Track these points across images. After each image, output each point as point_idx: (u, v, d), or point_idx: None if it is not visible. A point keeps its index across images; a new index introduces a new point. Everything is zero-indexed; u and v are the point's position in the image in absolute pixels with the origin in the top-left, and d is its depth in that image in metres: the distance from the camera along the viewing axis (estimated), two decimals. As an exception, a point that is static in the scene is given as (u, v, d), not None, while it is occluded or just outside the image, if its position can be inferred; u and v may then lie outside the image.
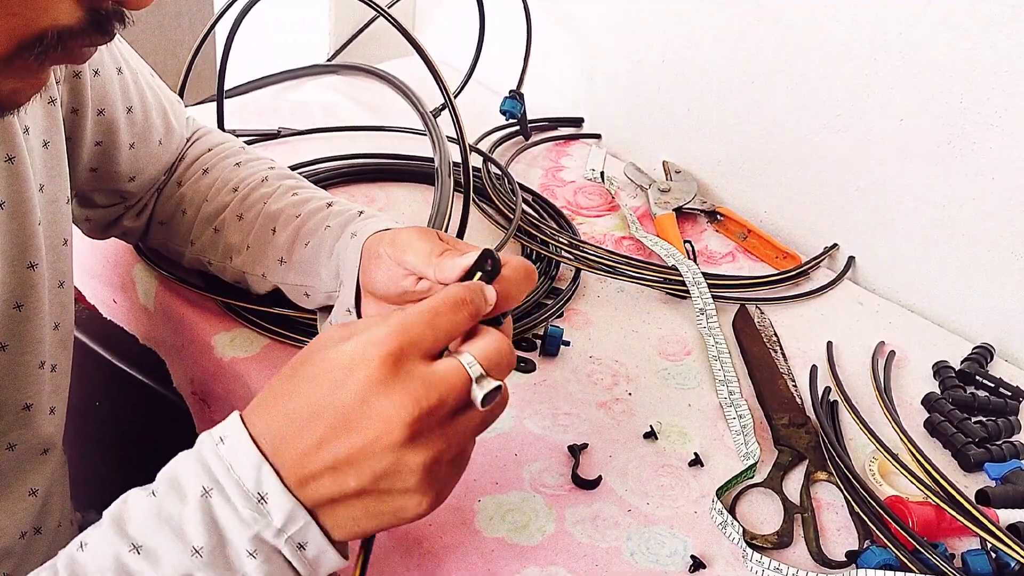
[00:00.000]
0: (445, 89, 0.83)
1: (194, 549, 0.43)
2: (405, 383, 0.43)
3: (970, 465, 0.69)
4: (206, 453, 0.45)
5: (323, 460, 0.43)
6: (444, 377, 0.44)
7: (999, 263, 0.81)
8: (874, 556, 0.59)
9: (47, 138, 0.60)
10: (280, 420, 0.44)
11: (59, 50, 0.40)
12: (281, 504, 0.44)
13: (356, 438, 0.43)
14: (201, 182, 0.73)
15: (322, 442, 0.43)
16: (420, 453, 0.43)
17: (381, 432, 0.43)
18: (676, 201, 0.97)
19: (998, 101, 0.76)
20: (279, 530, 0.44)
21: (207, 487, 0.44)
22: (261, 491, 0.44)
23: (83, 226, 0.76)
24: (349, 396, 0.43)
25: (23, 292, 0.58)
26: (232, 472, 0.44)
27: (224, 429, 0.45)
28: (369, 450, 0.43)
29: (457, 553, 0.58)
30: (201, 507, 0.43)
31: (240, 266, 0.70)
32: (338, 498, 0.44)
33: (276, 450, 0.44)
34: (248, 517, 0.43)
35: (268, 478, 0.44)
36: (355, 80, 1.15)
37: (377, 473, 0.43)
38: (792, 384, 0.75)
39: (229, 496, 0.43)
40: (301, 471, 0.44)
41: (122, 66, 0.67)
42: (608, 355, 0.77)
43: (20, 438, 0.61)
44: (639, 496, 0.64)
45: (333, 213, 0.66)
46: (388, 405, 0.43)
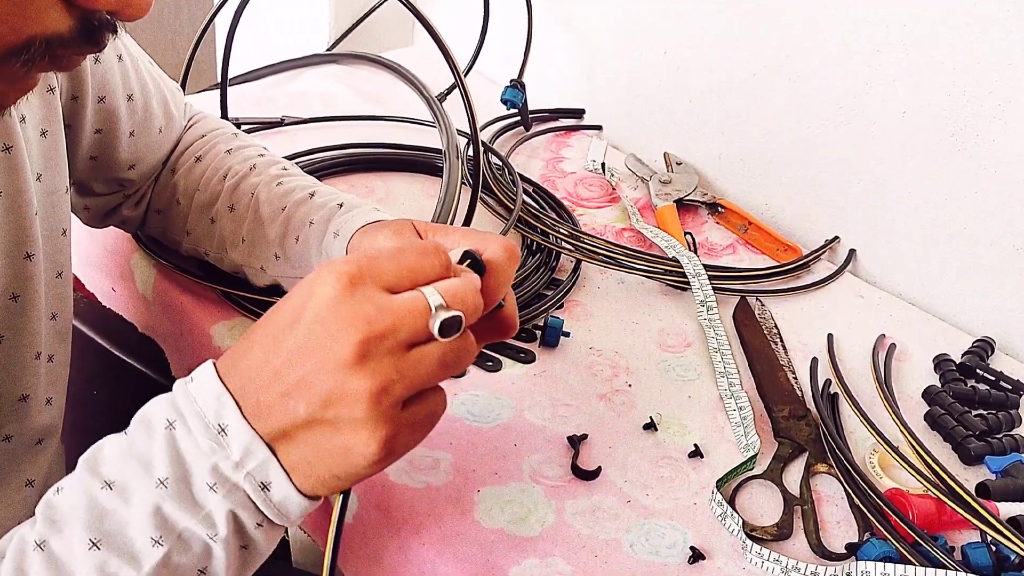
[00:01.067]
0: (455, 67, 0.83)
1: (159, 480, 0.43)
2: (358, 303, 0.42)
3: (970, 458, 0.69)
4: (176, 390, 0.45)
5: (277, 388, 0.43)
6: (401, 304, 0.43)
7: (1000, 257, 0.81)
8: (874, 548, 0.59)
9: (45, 127, 0.59)
10: (244, 356, 0.45)
11: (46, 58, 0.40)
12: (240, 436, 0.44)
13: (307, 360, 0.42)
14: (194, 171, 0.73)
15: (278, 370, 0.43)
16: (367, 378, 0.42)
17: (328, 350, 0.42)
18: (677, 193, 0.97)
19: (1000, 95, 0.76)
20: (237, 463, 0.44)
21: (171, 419, 0.44)
22: (221, 423, 0.44)
23: (82, 215, 0.75)
24: (306, 319, 0.42)
25: (19, 283, 0.58)
26: (195, 404, 0.44)
27: (197, 371, 0.46)
28: (316, 370, 0.42)
29: (456, 544, 0.58)
30: (166, 439, 0.44)
31: (238, 259, 0.70)
32: (290, 429, 0.43)
33: (241, 387, 0.44)
34: (206, 447, 0.44)
35: (228, 410, 0.44)
36: (355, 69, 1.15)
37: (324, 397, 0.42)
38: (792, 376, 0.75)
39: (190, 428, 0.44)
40: (259, 403, 0.44)
41: (122, 53, 0.67)
42: (608, 347, 0.77)
43: (16, 430, 0.61)
44: (639, 488, 0.64)
45: (315, 206, 0.66)
46: (336, 323, 0.42)
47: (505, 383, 0.71)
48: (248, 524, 0.45)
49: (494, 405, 0.69)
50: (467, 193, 0.83)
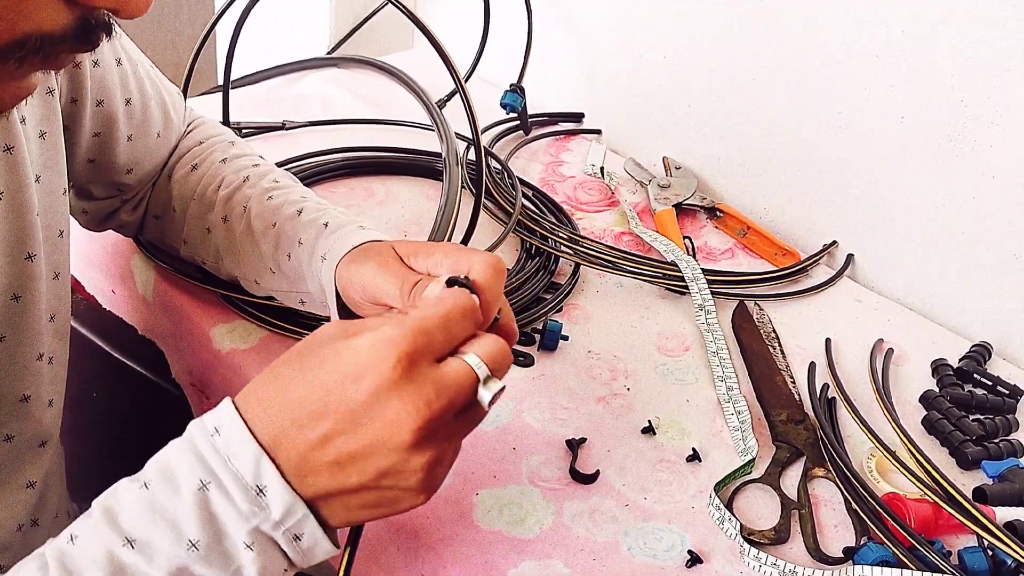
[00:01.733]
0: (456, 75, 0.83)
1: (190, 543, 0.43)
2: (418, 385, 0.43)
3: (967, 463, 0.69)
4: (201, 445, 0.44)
5: (326, 455, 0.43)
6: (454, 379, 0.44)
7: (998, 262, 0.81)
8: (871, 553, 0.59)
9: (44, 128, 0.60)
10: (282, 412, 0.44)
11: (40, 56, 0.40)
12: (280, 497, 0.43)
13: (363, 436, 0.43)
14: (190, 178, 0.72)
15: (327, 438, 0.43)
16: (425, 454, 0.43)
17: (390, 433, 0.43)
18: (676, 197, 0.97)
19: (999, 100, 0.76)
20: (277, 522, 0.44)
21: (204, 480, 0.43)
22: (260, 484, 0.43)
23: (80, 218, 0.75)
24: (361, 394, 0.43)
25: (21, 283, 0.58)
26: (230, 465, 0.43)
27: (218, 418, 0.44)
28: (375, 449, 0.43)
29: (455, 546, 0.58)
30: (198, 501, 0.43)
31: (232, 270, 0.70)
32: (336, 492, 0.44)
33: (277, 442, 0.44)
34: (247, 510, 0.43)
35: (267, 471, 0.43)
36: (355, 73, 1.15)
37: (380, 471, 0.43)
38: (790, 381, 0.75)
39: (227, 490, 0.43)
40: (302, 465, 0.43)
41: (121, 57, 0.67)
42: (607, 350, 0.77)
43: (17, 430, 0.61)
44: (637, 490, 0.64)
45: (302, 224, 0.65)
46: (400, 407, 0.42)
47: (504, 386, 0.71)
48: (275, 572, 0.45)
49: (493, 408, 0.69)
50: (468, 198, 0.83)
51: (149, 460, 0.45)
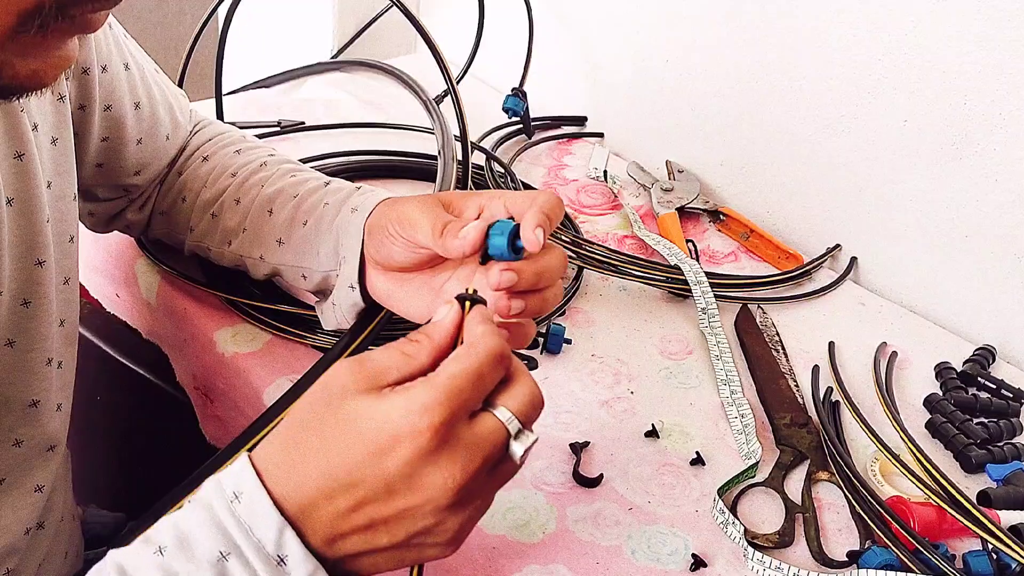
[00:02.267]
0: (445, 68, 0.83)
1: None
2: (452, 450, 0.42)
3: (972, 466, 0.69)
4: (220, 513, 0.42)
5: (357, 521, 0.42)
6: (487, 438, 0.43)
7: (1002, 265, 0.81)
8: (875, 556, 0.59)
9: (56, 135, 0.60)
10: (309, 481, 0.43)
11: (61, 19, 0.38)
12: (303, 566, 0.42)
13: (397, 504, 0.42)
14: (201, 169, 0.73)
15: (359, 505, 0.42)
16: (461, 514, 0.43)
17: (427, 499, 0.42)
18: (679, 200, 0.97)
19: (1002, 103, 0.76)
20: None
21: (224, 552, 0.42)
22: (281, 554, 0.42)
23: (87, 220, 0.76)
24: (395, 466, 0.42)
25: (31, 289, 0.58)
26: (252, 536, 0.42)
27: (237, 483, 0.43)
28: (411, 514, 0.42)
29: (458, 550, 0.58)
30: (216, 571, 0.42)
31: (238, 250, 0.70)
32: (366, 552, 0.43)
33: (305, 513, 0.42)
34: None
35: (290, 542, 0.42)
36: (358, 78, 1.15)
37: (413, 532, 0.43)
38: (794, 384, 0.75)
39: (248, 560, 0.42)
40: (331, 532, 0.42)
41: (129, 62, 0.67)
42: (610, 353, 0.77)
43: (26, 435, 0.61)
44: (640, 495, 0.64)
45: (331, 191, 0.66)
46: (436, 474, 0.42)
47: (507, 390, 0.72)
48: None
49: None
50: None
51: (163, 520, 0.44)
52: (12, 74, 0.40)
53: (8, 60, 0.39)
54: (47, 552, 0.65)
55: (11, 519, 0.61)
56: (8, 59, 0.39)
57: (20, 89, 0.42)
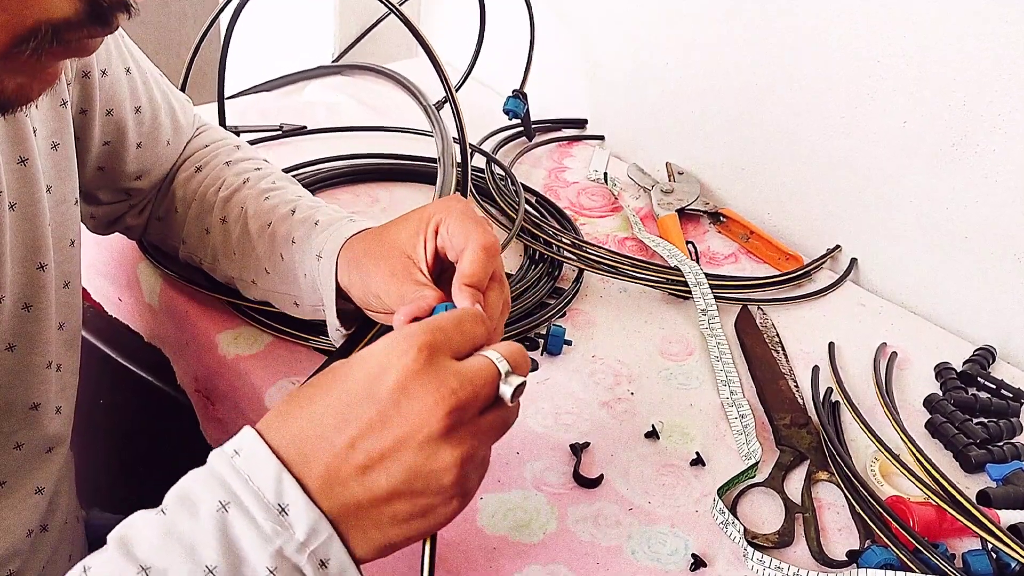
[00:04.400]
0: (444, 77, 0.83)
1: (207, 569, 0.41)
2: (441, 375, 0.42)
3: (971, 466, 0.69)
4: (220, 467, 0.43)
5: (355, 460, 0.42)
6: (477, 371, 0.44)
7: (1001, 265, 0.81)
8: (875, 556, 0.59)
9: (56, 139, 0.60)
10: (306, 427, 0.43)
11: (55, 44, 0.39)
12: (305, 515, 0.42)
13: (391, 433, 0.42)
14: (192, 180, 0.73)
15: (355, 441, 0.42)
16: (455, 449, 0.43)
17: (418, 424, 0.42)
18: (679, 202, 0.97)
19: (1001, 104, 0.77)
20: (302, 544, 0.42)
21: (223, 501, 0.41)
22: (282, 502, 0.42)
23: (88, 223, 0.76)
24: (386, 389, 0.42)
25: (32, 293, 0.59)
26: (251, 483, 0.42)
27: (237, 442, 0.43)
28: (405, 444, 0.42)
29: (459, 551, 0.59)
30: (216, 523, 0.41)
31: (228, 270, 0.70)
32: (367, 503, 0.43)
33: (303, 456, 0.42)
34: (269, 530, 0.41)
35: (289, 488, 0.42)
36: (359, 81, 1.16)
37: (411, 470, 0.42)
38: (794, 384, 0.75)
39: (248, 509, 0.41)
40: (330, 475, 0.42)
41: (131, 66, 0.67)
42: (610, 355, 0.77)
43: (27, 437, 0.61)
44: (641, 495, 0.64)
45: (295, 223, 0.65)
46: (426, 396, 0.42)
47: (508, 391, 0.72)
48: None
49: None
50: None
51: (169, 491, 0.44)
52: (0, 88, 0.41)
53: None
54: (51, 554, 0.66)
55: (13, 521, 0.61)
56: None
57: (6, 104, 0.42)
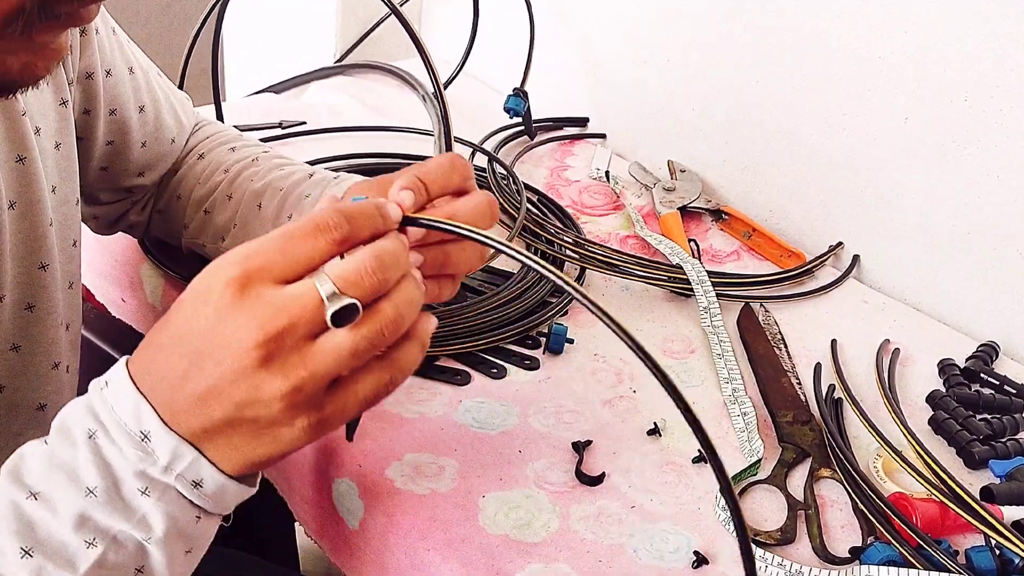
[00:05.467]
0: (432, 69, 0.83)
1: (88, 490, 0.43)
2: (251, 307, 0.41)
3: (975, 462, 0.69)
4: (92, 396, 0.45)
5: (188, 393, 0.43)
6: (293, 297, 0.42)
7: (1004, 261, 0.81)
8: (878, 552, 0.59)
9: (59, 140, 0.60)
10: (150, 360, 0.44)
11: (45, 18, 0.39)
12: (164, 441, 0.43)
13: (212, 368, 0.42)
14: (196, 167, 0.73)
15: (185, 375, 0.43)
16: (277, 379, 0.42)
17: (231, 358, 0.42)
18: (681, 200, 0.97)
19: (1002, 99, 0.76)
20: (166, 467, 0.44)
21: (92, 429, 0.44)
22: (143, 429, 0.43)
23: (91, 224, 0.76)
24: (200, 325, 0.42)
25: (35, 293, 0.59)
26: (114, 412, 0.44)
27: (110, 374, 0.45)
28: (224, 379, 0.42)
29: (461, 549, 0.59)
30: (90, 448, 0.44)
31: (231, 245, 0.70)
32: (210, 428, 0.44)
33: (154, 388, 0.44)
34: (132, 456, 0.43)
35: (147, 416, 0.43)
36: (361, 81, 1.16)
37: (238, 402, 0.42)
38: (796, 382, 0.75)
39: (113, 437, 0.43)
40: (171, 405, 0.43)
41: (133, 66, 0.68)
42: (612, 353, 0.77)
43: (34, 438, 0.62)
44: (643, 493, 0.64)
45: (312, 183, 0.66)
46: (233, 330, 0.41)
47: (510, 389, 0.72)
48: (186, 521, 0.45)
49: (499, 411, 0.70)
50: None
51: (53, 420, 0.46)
52: (4, 70, 0.41)
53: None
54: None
55: None
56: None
57: (15, 84, 0.42)
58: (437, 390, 0.71)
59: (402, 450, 0.65)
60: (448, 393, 0.71)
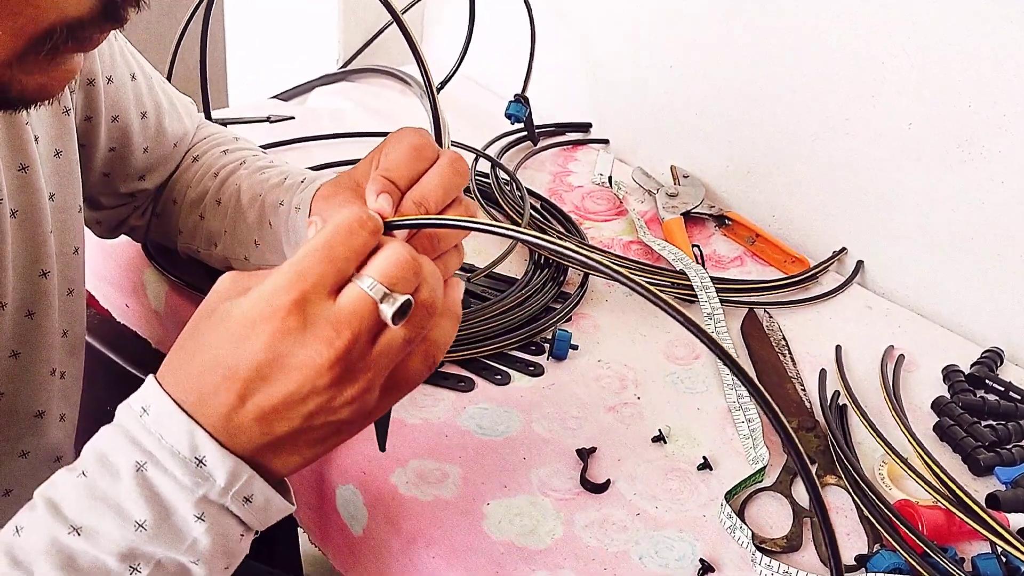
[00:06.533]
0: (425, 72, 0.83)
1: (137, 524, 0.42)
2: (315, 328, 0.42)
3: (980, 469, 0.69)
4: (131, 427, 0.43)
5: (248, 413, 0.43)
6: (351, 310, 0.42)
7: (1008, 266, 0.81)
8: (884, 560, 0.59)
9: (59, 147, 0.60)
10: (196, 381, 0.43)
11: (70, 42, 0.40)
12: (222, 463, 0.43)
13: (278, 388, 0.42)
14: (189, 170, 0.73)
15: (243, 397, 0.43)
16: (349, 388, 0.43)
17: (303, 380, 0.42)
18: (684, 206, 0.97)
19: (1006, 105, 0.76)
20: (223, 488, 0.43)
21: (140, 461, 0.43)
22: (198, 455, 0.43)
23: (94, 228, 0.76)
24: (258, 349, 0.42)
25: (35, 300, 0.59)
26: (163, 441, 0.43)
27: (144, 398, 0.44)
28: (295, 398, 0.42)
29: (466, 556, 0.59)
30: (138, 481, 0.43)
31: (223, 252, 0.70)
32: (272, 443, 0.44)
33: (199, 410, 0.43)
34: (190, 483, 0.43)
35: (202, 441, 0.43)
36: (364, 86, 1.16)
37: (307, 415, 0.43)
38: (801, 388, 0.75)
39: (165, 467, 0.43)
40: (228, 426, 0.43)
41: (136, 72, 0.68)
42: (616, 359, 0.77)
43: (32, 445, 0.62)
44: (648, 500, 0.64)
45: (285, 187, 0.65)
46: (304, 354, 0.42)
47: (514, 396, 0.72)
48: (232, 539, 0.45)
49: (503, 418, 0.69)
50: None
51: (83, 448, 0.45)
52: (20, 89, 0.41)
53: (16, 77, 0.40)
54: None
55: None
56: (16, 76, 0.40)
57: (28, 102, 0.43)
58: (441, 396, 0.71)
59: (406, 456, 0.65)
60: (452, 399, 0.71)
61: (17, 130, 0.56)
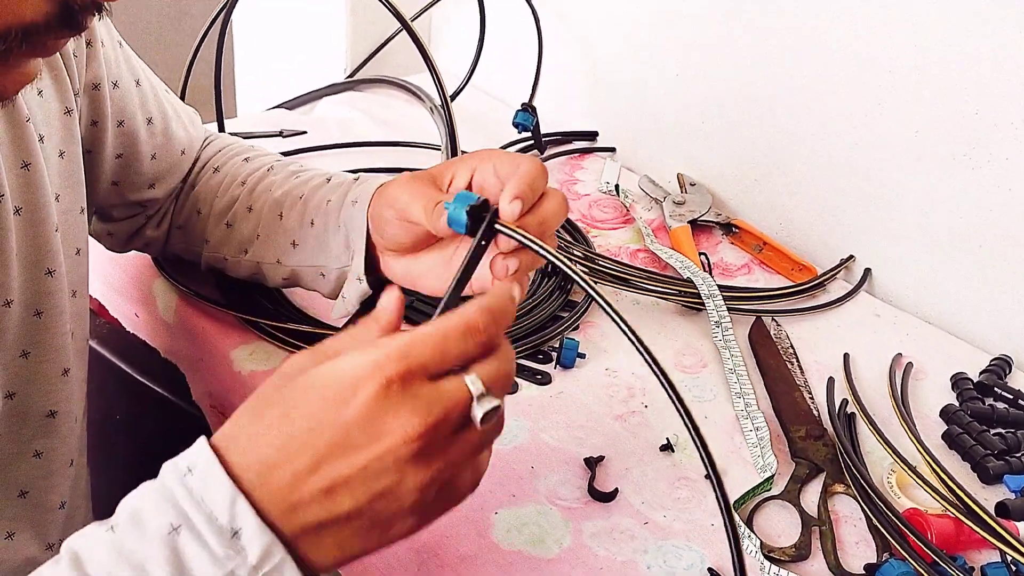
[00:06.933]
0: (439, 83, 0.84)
1: None
2: (412, 401, 0.41)
3: (989, 477, 0.69)
4: (172, 485, 0.41)
5: (318, 483, 0.41)
6: (448, 395, 0.42)
7: (1018, 274, 0.80)
8: (893, 569, 0.59)
9: (64, 148, 0.61)
10: (268, 446, 0.42)
11: (24, 47, 0.40)
12: (258, 539, 0.41)
13: (359, 456, 0.41)
14: (212, 180, 0.74)
15: (318, 464, 0.41)
16: (422, 471, 0.42)
17: (387, 449, 0.41)
18: (691, 214, 0.97)
19: (1013, 112, 0.76)
20: (254, 567, 0.41)
21: (174, 524, 0.41)
22: (235, 526, 0.41)
23: (106, 241, 0.77)
24: (353, 413, 0.41)
25: (41, 299, 0.59)
26: (203, 505, 0.41)
27: (191, 459, 0.42)
28: (373, 468, 0.41)
29: (474, 565, 0.59)
30: (167, 544, 0.40)
31: (254, 256, 0.70)
32: (328, 523, 0.42)
33: (263, 478, 0.41)
34: (222, 555, 0.40)
35: (243, 512, 0.41)
36: (371, 96, 1.17)
37: (375, 492, 0.42)
38: (809, 396, 0.75)
39: (200, 532, 0.40)
40: (291, 496, 0.41)
41: (140, 78, 0.68)
42: (624, 368, 0.77)
43: (46, 446, 0.62)
44: (656, 509, 0.64)
45: (332, 186, 0.66)
46: (395, 422, 0.41)
47: (521, 404, 0.72)
48: None
49: (511, 427, 0.69)
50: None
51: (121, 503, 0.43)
52: None
53: None
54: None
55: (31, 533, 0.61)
56: None
57: None
58: (449, 405, 0.71)
59: (414, 466, 0.65)
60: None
61: (19, 128, 0.56)
